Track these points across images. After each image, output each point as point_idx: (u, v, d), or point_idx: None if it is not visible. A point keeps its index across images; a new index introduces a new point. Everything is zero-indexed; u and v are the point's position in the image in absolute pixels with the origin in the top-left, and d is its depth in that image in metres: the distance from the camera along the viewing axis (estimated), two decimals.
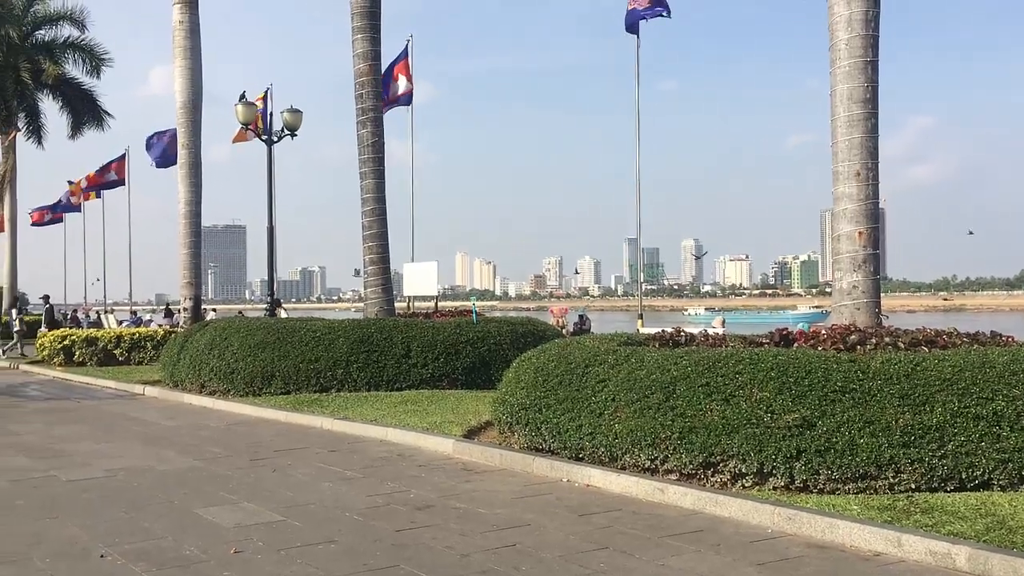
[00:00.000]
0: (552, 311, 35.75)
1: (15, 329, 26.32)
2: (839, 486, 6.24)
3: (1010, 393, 6.25)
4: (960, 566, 4.88)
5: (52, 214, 41.53)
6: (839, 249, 8.71)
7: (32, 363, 21.12)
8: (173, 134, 26.16)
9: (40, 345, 21.26)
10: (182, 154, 20.89)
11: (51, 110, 40.38)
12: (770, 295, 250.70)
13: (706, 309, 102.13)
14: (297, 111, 19.21)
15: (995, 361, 6.50)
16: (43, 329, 24.94)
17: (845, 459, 6.18)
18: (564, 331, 22.23)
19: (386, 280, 15.69)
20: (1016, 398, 6.23)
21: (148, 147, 30.27)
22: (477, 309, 15.02)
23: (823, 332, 7.87)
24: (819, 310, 75.30)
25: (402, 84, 24.65)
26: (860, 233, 8.53)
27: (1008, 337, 7.92)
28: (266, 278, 20.98)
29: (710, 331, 9.51)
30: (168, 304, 37.07)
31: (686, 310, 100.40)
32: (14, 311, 28.05)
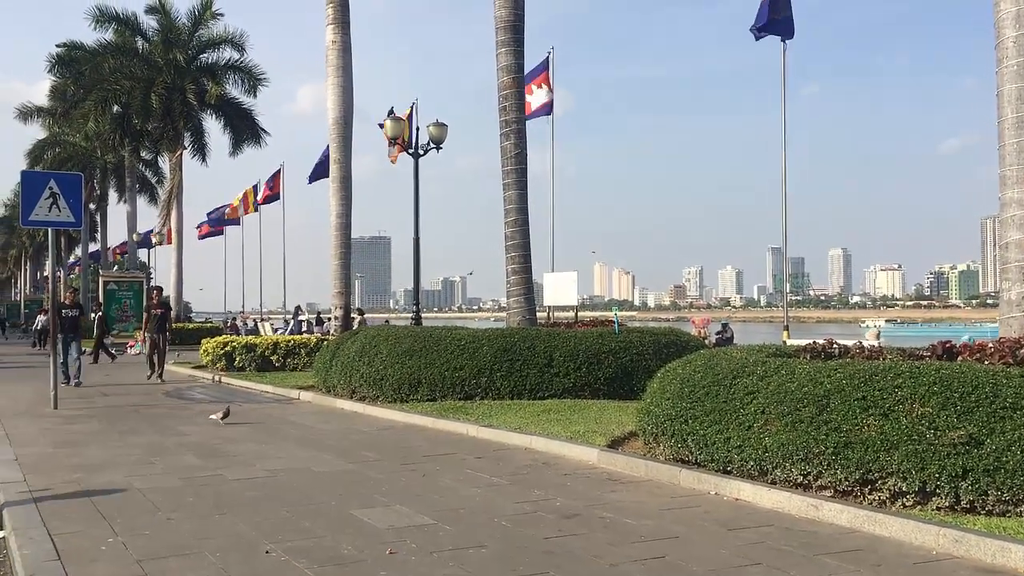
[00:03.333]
0: (693, 322, 35.23)
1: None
2: (1010, 508, 5.89)
3: None
4: None
5: (215, 227, 44.08)
6: (1007, 258, 8.23)
7: (196, 368, 22.41)
8: (326, 151, 27.32)
9: (204, 351, 22.53)
10: (334, 168, 21.72)
11: (213, 129, 42.95)
12: (925, 306, 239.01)
13: (887, 321, 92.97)
14: (443, 124, 19.74)
15: None
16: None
17: (1017, 479, 5.83)
18: (706, 342, 21.87)
19: (528, 290, 15.87)
20: None
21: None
22: (618, 317, 14.98)
23: (990, 346, 7.45)
24: None
25: (542, 96, 24.95)
26: None
27: None
28: (409, 288, 21.62)
29: (865, 344, 9.15)
30: (319, 313, 38.59)
31: (863, 322, 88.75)
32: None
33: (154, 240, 50.23)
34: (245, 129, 39.30)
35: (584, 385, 13.12)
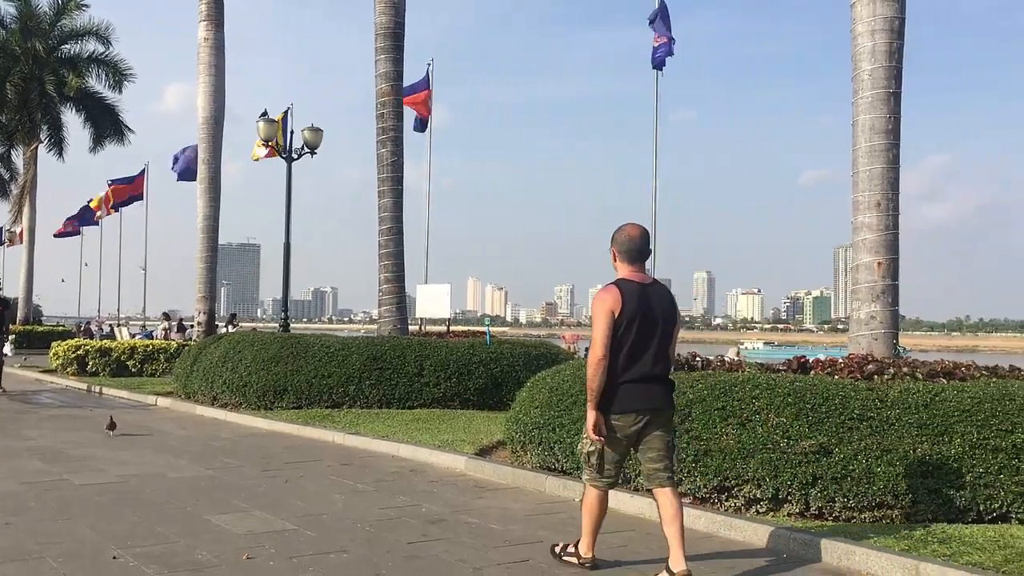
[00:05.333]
0: (564, 337, 35.74)
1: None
2: (855, 514, 6.19)
3: None
4: None
5: (73, 227, 41.87)
6: (857, 279, 8.68)
7: (44, 372, 21.19)
8: (195, 149, 26.35)
9: (54, 354, 21.34)
10: (202, 169, 21.02)
11: (73, 124, 40.86)
12: (781, 330, 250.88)
13: (765, 343, 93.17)
14: (318, 129, 19.37)
15: (1015, 394, 6.46)
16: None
17: (861, 487, 6.14)
18: (575, 356, 22.20)
19: (400, 299, 15.71)
20: None
21: (174, 161, 30.58)
22: (491, 332, 15.02)
23: (840, 361, 7.84)
24: None
25: (421, 109, 24.91)
26: (879, 263, 8.51)
27: None
28: (278, 297, 21.06)
29: (726, 358, 9.47)
30: (181, 319, 37.12)
31: (741, 343, 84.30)
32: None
33: (5, 239, 47.28)
34: (108, 125, 37.56)
35: (454, 395, 13.10)
